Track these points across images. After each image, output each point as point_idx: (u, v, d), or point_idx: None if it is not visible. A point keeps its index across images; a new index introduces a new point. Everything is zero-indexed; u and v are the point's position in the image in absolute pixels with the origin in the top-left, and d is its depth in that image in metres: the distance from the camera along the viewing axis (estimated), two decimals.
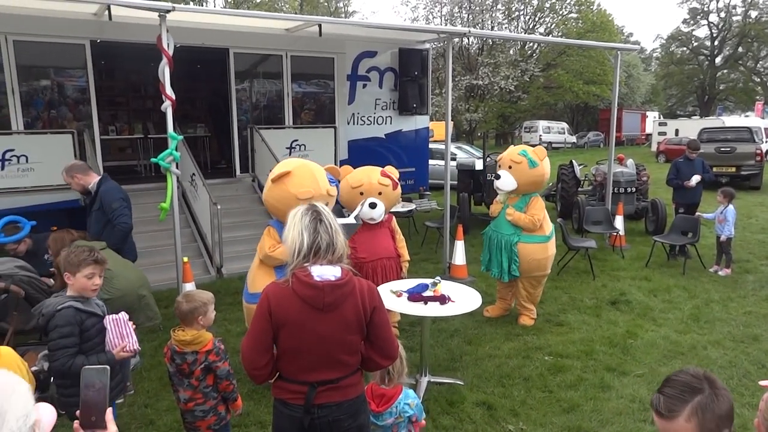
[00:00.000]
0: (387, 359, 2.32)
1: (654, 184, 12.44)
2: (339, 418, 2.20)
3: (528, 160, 5.45)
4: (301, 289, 2.10)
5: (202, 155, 10.91)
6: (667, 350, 5.01)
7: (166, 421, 3.88)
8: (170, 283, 6.28)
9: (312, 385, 2.16)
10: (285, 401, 2.21)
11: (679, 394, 1.48)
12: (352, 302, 2.15)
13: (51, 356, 2.64)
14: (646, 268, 7.69)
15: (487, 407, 4.05)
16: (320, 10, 40.67)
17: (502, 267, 5.58)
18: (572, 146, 37.32)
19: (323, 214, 2.19)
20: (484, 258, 5.87)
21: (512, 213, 5.52)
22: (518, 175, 5.47)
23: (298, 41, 9.02)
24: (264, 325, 2.13)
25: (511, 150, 5.69)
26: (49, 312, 2.69)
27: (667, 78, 50.93)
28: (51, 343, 2.64)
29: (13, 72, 7.24)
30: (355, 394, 2.25)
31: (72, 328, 2.66)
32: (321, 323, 2.12)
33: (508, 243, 5.51)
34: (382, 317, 2.24)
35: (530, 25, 35.64)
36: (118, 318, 2.85)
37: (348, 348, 2.19)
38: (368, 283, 2.27)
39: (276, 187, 4.07)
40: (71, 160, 7.50)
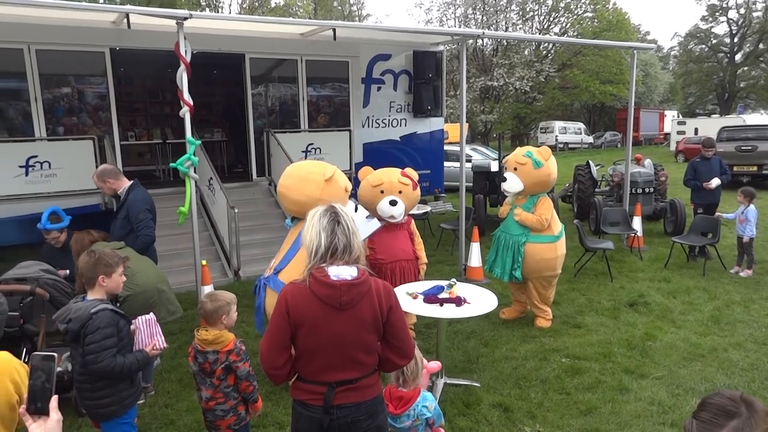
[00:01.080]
0: (404, 359, 2.33)
1: (673, 184, 12.29)
2: (358, 419, 2.22)
3: (533, 161, 5.47)
4: (318, 288, 2.13)
5: (219, 160, 11.04)
6: (687, 352, 4.96)
7: (186, 422, 3.95)
8: (189, 286, 6.37)
9: (331, 386, 2.19)
10: (304, 402, 2.24)
11: (713, 418, 1.38)
12: (368, 302, 2.18)
13: (94, 358, 2.68)
14: (665, 270, 7.61)
15: (503, 409, 4.05)
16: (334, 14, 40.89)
17: (505, 267, 5.58)
18: (589, 146, 36.99)
19: (341, 216, 2.23)
20: (489, 258, 5.87)
21: (519, 213, 5.53)
22: (524, 176, 5.49)
23: (312, 45, 9.11)
24: (282, 324, 2.16)
25: (516, 152, 5.70)
26: (81, 316, 2.73)
27: (686, 76, 50.20)
28: (93, 345, 2.68)
29: (36, 80, 7.41)
30: (373, 394, 2.27)
31: (113, 329, 2.75)
32: (338, 322, 2.15)
33: (516, 243, 5.52)
34: (398, 317, 2.26)
35: (545, 26, 35.41)
36: (149, 319, 2.99)
37: (365, 347, 2.21)
38: (384, 283, 2.29)
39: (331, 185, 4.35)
40: (92, 165, 7.68)
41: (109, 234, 4.75)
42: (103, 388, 2.79)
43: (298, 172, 4.47)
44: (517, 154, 5.62)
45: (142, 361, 2.88)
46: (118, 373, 2.75)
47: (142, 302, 3.90)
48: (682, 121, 30.23)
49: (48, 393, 1.43)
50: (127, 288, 3.82)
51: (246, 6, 37.98)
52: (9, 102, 7.45)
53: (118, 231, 4.84)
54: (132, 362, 2.81)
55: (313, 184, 4.31)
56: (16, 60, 7.26)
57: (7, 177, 7.22)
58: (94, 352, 2.68)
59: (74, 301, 2.91)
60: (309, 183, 4.33)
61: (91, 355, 2.69)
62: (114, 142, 8.11)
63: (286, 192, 4.45)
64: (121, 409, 2.86)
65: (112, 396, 2.81)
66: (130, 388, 2.90)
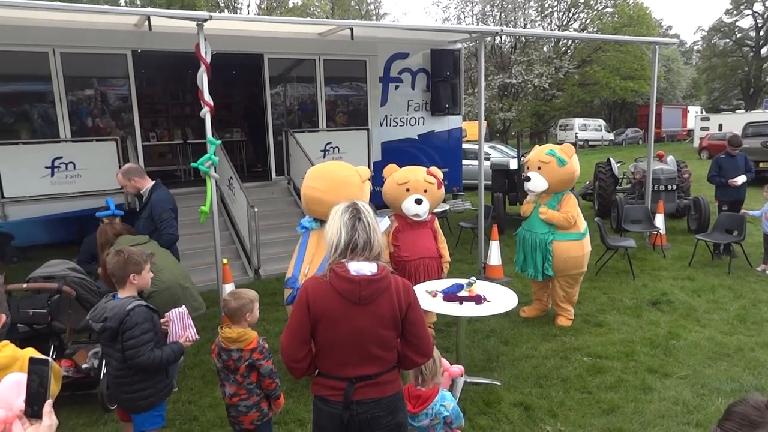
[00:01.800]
0: (422, 356, 2.33)
1: (696, 181, 12.06)
2: (378, 415, 2.23)
3: (557, 159, 5.41)
4: (338, 282, 2.16)
5: (239, 159, 11.15)
6: (712, 352, 4.87)
7: (209, 417, 4.00)
8: (210, 284, 6.44)
9: (351, 381, 2.20)
10: (324, 398, 2.26)
11: (737, 428, 1.37)
12: (387, 297, 2.19)
13: (135, 353, 2.77)
14: (689, 268, 7.48)
15: (524, 408, 4.02)
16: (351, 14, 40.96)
17: (537, 266, 5.54)
18: (609, 144, 36.49)
19: (363, 213, 2.25)
20: (519, 258, 5.83)
21: (545, 211, 5.48)
22: (548, 174, 5.43)
23: (330, 45, 9.14)
24: (302, 317, 2.19)
25: (539, 150, 5.63)
26: (118, 314, 2.80)
27: (710, 71, 49.24)
28: (133, 341, 2.77)
29: (61, 82, 7.57)
30: (393, 390, 2.28)
31: (149, 324, 2.84)
32: (357, 317, 2.17)
33: (543, 242, 5.47)
34: (416, 314, 2.27)
35: (564, 22, 35.05)
36: (182, 312, 3.06)
37: (383, 343, 2.23)
38: (404, 280, 2.31)
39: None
40: (115, 166, 7.82)
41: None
42: (141, 381, 2.89)
43: (333, 176, 4.49)
44: (539, 153, 5.55)
45: (177, 352, 2.97)
46: (158, 365, 2.85)
47: (166, 298, 3.96)
48: (705, 117, 29.69)
49: (42, 397, 1.43)
50: (152, 284, 3.89)
51: (264, 7, 38.27)
52: (35, 104, 7.61)
53: (142, 230, 4.91)
54: (169, 354, 2.90)
55: (354, 187, 4.40)
56: (41, 63, 7.42)
57: (33, 178, 7.39)
58: (135, 347, 2.77)
59: (105, 300, 2.98)
60: (350, 186, 4.40)
61: (131, 350, 2.77)
62: (136, 143, 8.24)
63: (322, 196, 4.40)
64: (158, 400, 2.97)
65: (151, 388, 2.92)
66: (165, 380, 3.01)
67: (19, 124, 7.55)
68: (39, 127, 7.68)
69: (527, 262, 5.68)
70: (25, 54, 7.36)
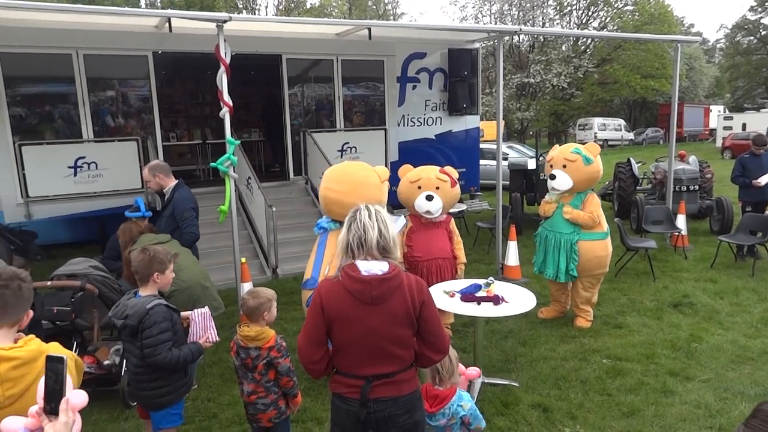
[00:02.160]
0: (439, 353, 2.33)
1: (719, 181, 11.86)
2: (395, 413, 2.23)
3: (583, 157, 5.36)
4: (350, 283, 2.18)
5: (257, 159, 11.23)
6: (735, 355, 4.78)
7: (228, 415, 4.04)
8: (229, 283, 6.50)
9: (367, 379, 2.22)
10: (342, 395, 2.28)
11: (761, 425, 1.38)
12: (399, 296, 2.20)
13: (152, 351, 2.80)
14: (712, 270, 7.35)
15: (542, 409, 3.99)
16: (369, 14, 40.99)
17: (559, 267, 5.47)
18: (629, 143, 36.01)
19: (372, 212, 2.27)
20: (538, 259, 5.76)
21: (570, 211, 5.41)
22: (574, 173, 5.37)
23: (348, 45, 9.16)
24: (317, 319, 2.22)
25: (563, 149, 5.57)
26: (138, 312, 2.83)
27: (733, 69, 48.28)
28: (151, 339, 2.80)
29: (84, 84, 7.71)
30: (410, 389, 2.29)
31: (168, 323, 2.86)
32: (370, 316, 2.18)
33: (568, 242, 5.41)
34: (430, 312, 2.27)
35: (583, 20, 34.68)
36: (204, 312, 3.09)
37: (399, 341, 2.23)
38: (417, 278, 2.31)
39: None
40: (136, 166, 7.94)
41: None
42: (159, 378, 2.92)
43: (352, 177, 4.50)
44: (565, 151, 5.49)
45: (196, 352, 3.00)
46: (175, 365, 2.88)
47: (186, 298, 4.00)
48: (728, 116, 29.16)
49: (58, 395, 1.45)
50: (173, 283, 3.93)
51: (282, 7, 38.50)
52: (58, 105, 7.76)
53: (163, 228, 4.98)
54: (187, 354, 2.92)
55: (373, 188, 4.41)
56: (65, 64, 7.57)
57: (57, 177, 7.53)
58: (152, 346, 2.80)
59: (127, 297, 3.02)
60: (369, 187, 4.41)
61: (149, 348, 2.81)
62: (156, 143, 8.35)
63: (341, 198, 4.40)
64: (176, 398, 3.00)
65: (168, 386, 2.95)
66: (183, 378, 3.03)
67: (43, 125, 7.71)
68: (62, 128, 7.83)
69: (547, 262, 5.61)
70: (49, 56, 7.51)
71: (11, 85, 7.37)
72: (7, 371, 1.62)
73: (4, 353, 1.63)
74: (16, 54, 7.26)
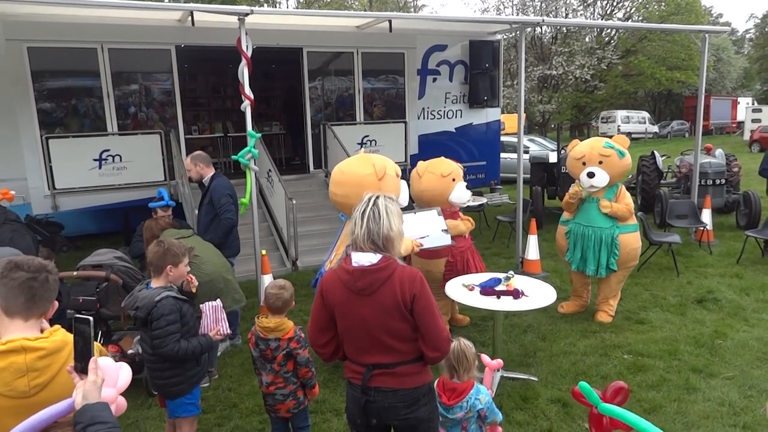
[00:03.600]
0: (433, 350, 2.22)
1: (747, 175, 11.58)
2: (395, 406, 2.25)
3: (617, 151, 5.33)
4: (342, 273, 2.25)
5: (277, 152, 11.28)
6: (761, 352, 4.69)
7: (248, 405, 4.10)
8: (249, 275, 6.57)
9: (368, 367, 2.27)
10: (350, 380, 2.37)
11: None
12: (389, 288, 2.19)
13: (160, 343, 2.85)
14: (738, 265, 7.20)
15: (562, 404, 3.97)
16: (390, 6, 40.79)
17: (600, 262, 5.38)
18: (654, 136, 35.35)
19: (370, 204, 2.24)
20: (575, 256, 5.53)
21: (609, 205, 5.33)
22: (610, 168, 5.32)
23: (368, 38, 9.14)
24: (319, 306, 2.33)
25: (594, 144, 5.46)
26: (147, 304, 2.89)
27: (763, 60, 46.99)
28: (159, 331, 2.85)
29: (108, 78, 7.83)
30: (413, 384, 2.26)
31: (176, 315, 2.90)
32: (361, 306, 2.22)
33: (609, 236, 5.33)
34: (423, 306, 2.19)
35: (608, 11, 34.01)
36: (215, 305, 3.14)
37: (393, 334, 2.22)
38: (412, 271, 2.25)
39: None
40: (159, 158, 8.06)
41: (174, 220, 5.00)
42: (171, 368, 2.96)
43: (350, 179, 4.48)
44: (597, 146, 5.39)
45: (205, 345, 3.03)
46: (183, 356, 2.91)
47: (209, 290, 4.06)
48: (757, 109, 28.43)
49: (87, 355, 1.53)
50: (196, 276, 4.00)
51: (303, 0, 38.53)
52: (84, 99, 7.90)
53: (204, 217, 5.13)
54: (195, 346, 2.96)
55: (370, 187, 4.31)
56: (90, 59, 7.70)
57: (83, 170, 7.69)
58: (159, 337, 2.85)
59: (139, 288, 3.07)
60: (366, 187, 4.32)
61: (157, 340, 2.86)
62: (179, 136, 8.45)
63: (344, 201, 4.47)
64: (188, 387, 3.03)
65: (180, 375, 2.99)
66: (196, 367, 3.06)
67: (69, 119, 7.86)
68: (87, 121, 7.97)
69: (587, 258, 5.44)
70: (75, 50, 7.64)
71: (39, 79, 7.53)
72: (33, 361, 1.66)
73: (30, 344, 1.67)
74: (44, 48, 7.41)
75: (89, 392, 1.49)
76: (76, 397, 1.50)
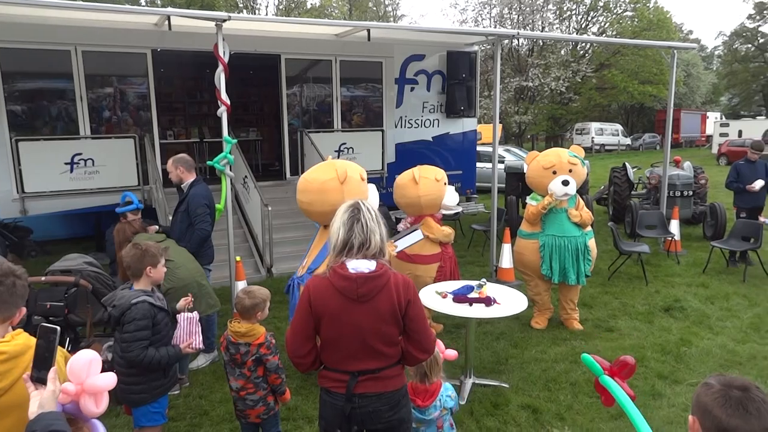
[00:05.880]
0: (424, 352, 2.34)
1: (714, 187, 11.92)
2: (379, 409, 2.27)
3: (581, 160, 5.52)
4: (337, 280, 2.22)
5: (254, 158, 11.24)
6: (724, 359, 4.83)
7: (219, 412, 4.06)
8: (223, 281, 6.53)
9: (353, 375, 2.25)
10: (328, 390, 2.32)
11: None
12: (386, 294, 2.23)
13: (126, 347, 2.80)
14: (704, 275, 7.40)
15: (532, 410, 4.03)
16: (369, 15, 41.02)
17: (580, 270, 5.46)
18: (626, 148, 36.13)
19: (362, 212, 2.28)
20: (554, 267, 5.47)
21: (578, 214, 5.44)
22: (577, 176, 5.47)
23: (347, 46, 9.19)
24: (305, 315, 2.26)
25: (562, 154, 5.57)
26: (123, 304, 2.85)
27: (731, 77, 48.52)
28: (127, 335, 2.80)
29: (82, 80, 7.72)
30: (395, 386, 2.32)
31: (147, 321, 2.85)
32: (356, 313, 2.21)
33: (582, 244, 5.44)
34: (417, 311, 2.30)
35: (582, 25, 34.79)
36: (191, 317, 3.07)
37: (385, 339, 2.26)
38: (404, 277, 2.34)
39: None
40: (133, 163, 7.96)
41: (161, 225, 4.93)
42: (134, 375, 2.89)
43: (312, 186, 4.52)
44: (565, 156, 5.51)
45: (173, 356, 2.95)
46: (147, 365, 2.85)
47: (183, 295, 4.02)
48: (725, 123, 29.30)
49: (48, 364, 1.50)
50: (169, 281, 3.96)
51: (282, 7, 38.51)
52: (56, 101, 7.77)
53: (178, 225, 5.00)
54: (163, 356, 2.88)
55: (332, 192, 4.38)
56: (63, 61, 7.58)
57: (53, 174, 7.54)
58: (127, 341, 2.81)
59: (122, 287, 3.05)
60: (328, 192, 4.39)
61: (124, 343, 2.82)
62: (154, 141, 8.36)
63: (309, 208, 4.57)
64: (150, 398, 2.95)
65: (143, 384, 2.92)
66: (162, 379, 2.99)
67: (41, 121, 7.72)
68: (59, 124, 7.84)
69: (567, 269, 5.46)
70: (48, 52, 7.52)
71: (9, 81, 7.39)
72: None
73: None
74: (15, 50, 7.28)
75: (46, 401, 1.48)
76: (31, 406, 1.48)
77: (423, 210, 5.25)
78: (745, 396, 1.39)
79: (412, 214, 5.42)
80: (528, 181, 5.78)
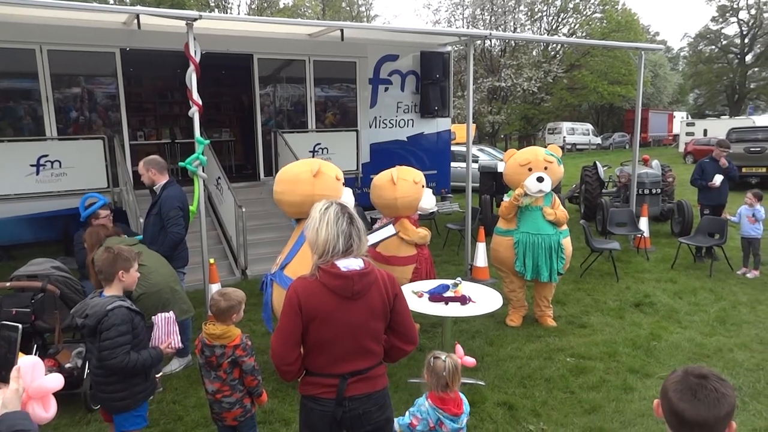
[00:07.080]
0: (409, 344, 2.39)
1: (680, 185, 12.23)
2: (369, 410, 2.25)
3: (557, 158, 5.59)
4: (330, 280, 2.17)
5: (227, 159, 11.11)
6: (692, 353, 4.96)
7: (194, 417, 4.00)
8: (197, 284, 6.43)
9: (343, 377, 2.22)
10: (315, 397, 2.24)
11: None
12: (376, 290, 2.25)
13: (108, 354, 2.72)
14: (672, 270, 7.59)
15: (508, 407, 4.07)
16: (342, 15, 40.96)
17: (553, 268, 5.52)
18: (597, 147, 36.82)
19: (354, 215, 2.27)
20: (528, 265, 5.53)
21: (553, 212, 5.50)
22: (553, 174, 5.52)
23: (320, 46, 9.15)
24: (295, 319, 2.17)
25: (538, 151, 5.64)
26: (97, 312, 2.77)
27: (696, 77, 49.91)
28: (108, 342, 2.72)
29: (48, 80, 7.52)
30: (382, 385, 2.33)
31: (128, 326, 2.78)
32: (350, 311, 2.20)
33: (556, 242, 5.49)
34: (403, 304, 2.35)
35: (553, 26, 35.36)
36: (168, 317, 3.02)
37: (374, 335, 2.28)
38: (388, 273, 2.38)
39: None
40: (102, 164, 7.79)
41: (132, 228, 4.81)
42: (117, 382, 2.84)
43: (287, 176, 4.57)
44: (541, 153, 5.58)
45: (155, 357, 2.91)
46: (132, 369, 2.80)
47: (156, 300, 3.96)
48: (691, 123, 30.03)
49: (10, 363, 1.48)
50: (141, 286, 3.87)
51: (255, 7, 38.16)
52: (21, 101, 7.55)
53: (151, 227, 4.90)
54: (146, 359, 2.85)
55: (303, 183, 4.41)
56: (28, 60, 7.37)
57: (18, 176, 7.33)
58: (109, 348, 2.73)
59: (91, 296, 2.95)
60: (300, 183, 4.42)
61: (105, 351, 2.73)
62: (123, 142, 8.19)
63: (281, 197, 4.58)
64: (134, 403, 2.91)
65: (126, 390, 2.87)
66: (144, 383, 2.94)
67: (4, 122, 7.49)
68: (25, 125, 7.62)
69: (540, 266, 5.52)
70: (11, 51, 7.30)
71: None
72: None
73: None
74: None
75: (10, 401, 1.44)
76: None
77: (399, 211, 5.25)
78: (699, 383, 1.47)
79: (388, 215, 5.41)
80: (505, 178, 5.84)
